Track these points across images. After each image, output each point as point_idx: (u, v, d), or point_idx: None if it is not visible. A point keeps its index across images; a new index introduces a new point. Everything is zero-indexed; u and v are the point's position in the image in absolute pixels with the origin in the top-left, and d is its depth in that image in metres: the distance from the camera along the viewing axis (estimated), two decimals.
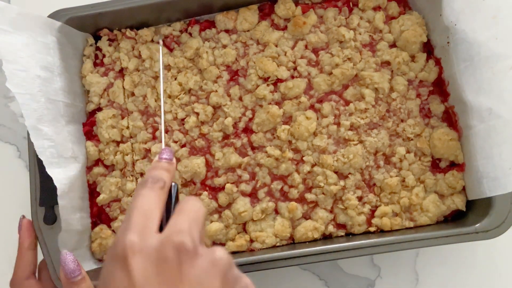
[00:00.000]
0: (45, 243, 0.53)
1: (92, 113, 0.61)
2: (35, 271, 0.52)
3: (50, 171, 0.49)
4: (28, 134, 0.50)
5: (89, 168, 0.59)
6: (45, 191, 0.53)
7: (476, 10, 0.51)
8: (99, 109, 0.60)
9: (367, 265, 0.63)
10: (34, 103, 0.50)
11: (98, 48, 0.62)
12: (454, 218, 0.57)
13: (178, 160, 0.58)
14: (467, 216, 0.55)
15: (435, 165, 0.58)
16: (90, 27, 0.61)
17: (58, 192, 0.49)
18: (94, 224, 0.58)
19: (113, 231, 0.58)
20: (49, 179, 0.49)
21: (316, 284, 0.63)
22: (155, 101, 0.59)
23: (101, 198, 0.57)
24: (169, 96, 0.59)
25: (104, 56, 0.61)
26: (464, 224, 0.53)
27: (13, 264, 0.65)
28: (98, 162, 0.59)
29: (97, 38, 0.62)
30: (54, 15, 0.57)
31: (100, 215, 0.58)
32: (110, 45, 0.62)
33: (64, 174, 0.52)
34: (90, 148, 0.58)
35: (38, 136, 0.49)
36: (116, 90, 0.60)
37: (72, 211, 0.53)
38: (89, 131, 0.60)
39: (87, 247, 0.57)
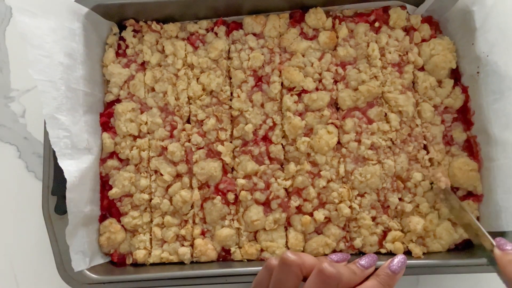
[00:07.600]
0: (54, 233, 0.52)
1: (110, 104, 0.59)
2: None
3: (61, 163, 0.48)
4: (45, 125, 0.48)
5: (103, 160, 0.58)
6: (58, 181, 0.52)
7: (511, 44, 0.51)
8: (118, 100, 0.59)
9: None
10: (55, 91, 0.49)
11: (122, 38, 0.61)
12: (464, 247, 0.57)
13: (195, 162, 0.57)
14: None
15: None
16: (116, 16, 0.59)
17: (68, 185, 0.48)
18: (103, 217, 0.57)
19: (122, 226, 0.57)
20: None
21: None
22: (175, 99, 0.58)
23: (113, 192, 0.56)
24: (190, 97, 0.58)
25: (127, 47, 0.60)
26: (473, 254, 0.53)
27: (14, 264, 0.64)
28: (113, 154, 0.58)
29: (122, 28, 0.61)
30: (81, 0, 0.56)
31: (110, 209, 0.57)
32: (134, 36, 0.60)
33: (76, 166, 0.51)
34: (107, 140, 0.57)
35: (54, 125, 0.48)
36: (137, 83, 0.59)
37: (82, 203, 0.52)
38: (106, 122, 0.58)
39: (95, 240, 0.56)
